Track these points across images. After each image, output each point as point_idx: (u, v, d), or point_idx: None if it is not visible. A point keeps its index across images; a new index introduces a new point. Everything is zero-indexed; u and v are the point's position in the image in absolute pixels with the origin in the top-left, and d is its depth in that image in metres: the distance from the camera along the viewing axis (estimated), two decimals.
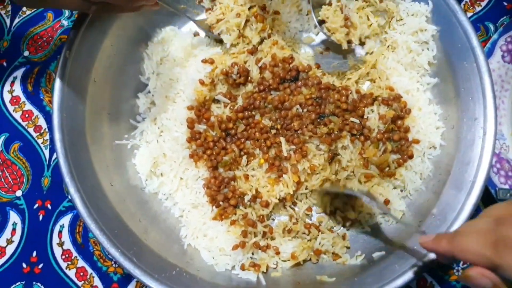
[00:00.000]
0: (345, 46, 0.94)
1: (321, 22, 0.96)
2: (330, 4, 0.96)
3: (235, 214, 0.86)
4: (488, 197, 0.86)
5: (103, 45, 0.90)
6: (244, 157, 0.88)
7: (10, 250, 0.90)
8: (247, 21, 0.94)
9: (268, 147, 0.87)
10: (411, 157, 0.87)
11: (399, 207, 0.85)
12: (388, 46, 0.94)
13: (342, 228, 0.87)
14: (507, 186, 0.87)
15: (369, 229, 0.86)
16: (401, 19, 0.93)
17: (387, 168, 0.87)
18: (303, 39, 0.99)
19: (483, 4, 1.01)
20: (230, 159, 0.87)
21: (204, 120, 0.89)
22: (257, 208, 0.86)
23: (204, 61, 0.92)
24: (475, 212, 0.74)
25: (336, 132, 0.86)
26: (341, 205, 0.88)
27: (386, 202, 0.86)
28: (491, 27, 0.99)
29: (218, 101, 0.92)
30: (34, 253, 0.89)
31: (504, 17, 1.00)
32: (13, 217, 0.92)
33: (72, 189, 0.78)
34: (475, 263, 0.55)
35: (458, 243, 0.57)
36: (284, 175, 0.85)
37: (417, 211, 0.84)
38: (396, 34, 0.93)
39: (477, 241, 0.55)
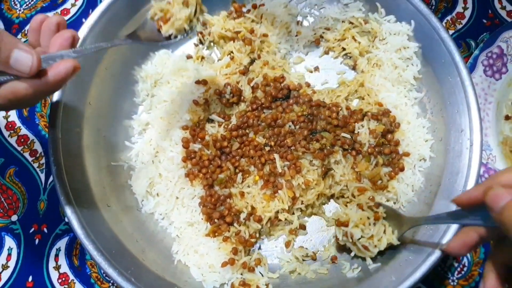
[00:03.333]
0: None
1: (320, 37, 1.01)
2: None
3: (229, 231, 0.86)
4: None
5: (98, 69, 0.92)
6: (239, 175, 0.89)
7: (5, 275, 0.89)
8: (235, 41, 0.98)
9: (262, 164, 0.89)
10: (402, 169, 0.89)
11: None
12: (374, 64, 0.97)
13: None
14: None
15: None
16: (384, 39, 0.97)
17: (380, 181, 0.89)
18: (293, 59, 1.02)
19: (464, 22, 1.06)
20: (225, 176, 0.89)
21: (199, 139, 0.91)
22: (250, 224, 0.86)
23: (198, 82, 0.94)
24: None
25: (328, 147, 0.89)
26: None
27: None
28: (472, 43, 1.04)
29: (212, 121, 0.94)
30: (30, 278, 0.89)
31: (484, 33, 1.04)
32: (9, 242, 0.91)
33: (69, 211, 0.79)
34: None
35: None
36: (279, 191, 0.86)
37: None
38: (380, 52, 0.96)
39: None
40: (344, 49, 1.01)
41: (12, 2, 1.09)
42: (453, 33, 1.04)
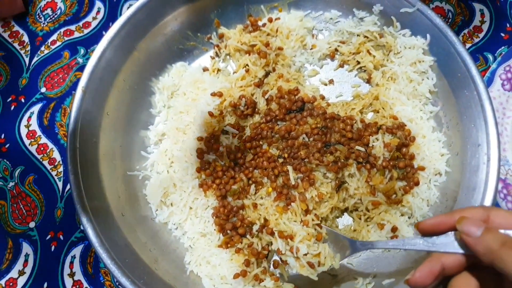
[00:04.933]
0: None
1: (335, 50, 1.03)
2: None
3: (241, 243, 0.86)
4: None
5: (116, 81, 0.94)
6: (253, 186, 0.89)
7: (21, 281, 0.91)
8: (250, 54, 0.99)
9: (276, 175, 0.89)
10: (417, 184, 0.88)
11: (407, 234, 0.86)
12: (389, 77, 0.97)
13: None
14: None
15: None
16: (399, 52, 0.97)
17: (394, 195, 0.88)
18: (307, 72, 1.03)
19: (481, 35, 1.05)
20: (238, 188, 0.89)
21: (213, 150, 0.92)
22: (263, 236, 0.86)
23: (213, 94, 0.95)
24: None
25: (342, 160, 0.88)
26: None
27: (394, 229, 0.86)
28: (490, 57, 1.03)
29: (226, 132, 0.94)
30: (45, 284, 0.90)
31: (502, 47, 1.03)
32: (26, 248, 0.93)
33: (84, 220, 0.80)
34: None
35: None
36: (292, 203, 0.86)
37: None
38: (395, 66, 0.96)
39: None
40: (358, 62, 1.01)
41: (37, 16, 1.13)
42: (470, 47, 1.04)
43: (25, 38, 1.10)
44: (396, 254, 0.86)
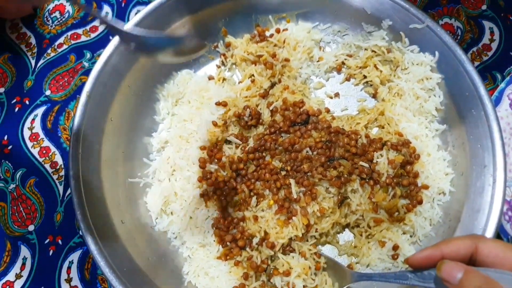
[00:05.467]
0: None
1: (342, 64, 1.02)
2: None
3: (241, 255, 0.86)
4: None
5: (121, 86, 0.94)
6: (254, 198, 0.89)
7: (18, 285, 0.90)
8: (256, 64, 0.99)
9: (278, 188, 0.88)
10: (420, 202, 0.87)
11: (409, 253, 0.84)
12: (395, 93, 0.96)
13: None
14: None
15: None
16: (406, 68, 0.96)
17: (396, 213, 0.87)
18: (313, 84, 1.02)
19: (490, 53, 1.04)
20: (240, 199, 0.88)
21: (216, 160, 0.91)
22: (263, 250, 0.85)
23: (218, 103, 0.95)
24: None
25: (345, 175, 0.87)
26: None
27: (395, 247, 0.85)
28: (498, 76, 1.02)
29: (230, 142, 0.94)
30: None
31: (511, 66, 1.02)
32: (24, 251, 0.93)
33: (83, 226, 0.80)
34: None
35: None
36: (293, 217, 0.85)
37: None
38: (402, 82, 0.96)
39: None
40: (365, 76, 1.01)
41: (45, 18, 1.13)
42: (478, 65, 1.03)
43: (32, 40, 1.10)
44: None
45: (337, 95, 1.01)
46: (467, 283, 0.56)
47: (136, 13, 1.10)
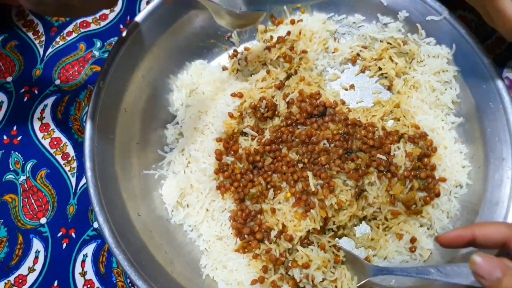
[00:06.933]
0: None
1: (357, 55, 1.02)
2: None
3: (259, 248, 0.85)
4: None
5: (134, 77, 0.92)
6: (271, 190, 0.88)
7: (31, 278, 0.89)
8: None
9: (295, 180, 0.88)
10: (438, 195, 0.87)
11: (426, 246, 0.85)
12: (411, 86, 0.96)
13: None
14: None
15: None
16: (422, 61, 0.96)
17: (414, 206, 0.87)
18: (328, 76, 1.01)
19: (504, 47, 1.03)
20: (257, 191, 0.87)
21: (232, 152, 0.90)
22: (281, 243, 0.85)
23: (233, 95, 0.94)
24: None
25: (363, 168, 0.87)
26: None
27: (413, 240, 0.85)
28: None
29: (245, 134, 0.93)
30: (56, 283, 0.88)
31: None
32: (36, 244, 0.91)
33: (101, 219, 0.79)
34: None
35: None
36: (311, 210, 0.85)
37: (445, 251, 0.83)
38: (417, 74, 0.95)
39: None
40: (380, 68, 1.00)
41: None
42: (495, 57, 1.02)
43: (40, 28, 1.07)
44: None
45: (352, 87, 1.00)
46: (506, 284, 0.54)
47: (147, 1, 1.07)
